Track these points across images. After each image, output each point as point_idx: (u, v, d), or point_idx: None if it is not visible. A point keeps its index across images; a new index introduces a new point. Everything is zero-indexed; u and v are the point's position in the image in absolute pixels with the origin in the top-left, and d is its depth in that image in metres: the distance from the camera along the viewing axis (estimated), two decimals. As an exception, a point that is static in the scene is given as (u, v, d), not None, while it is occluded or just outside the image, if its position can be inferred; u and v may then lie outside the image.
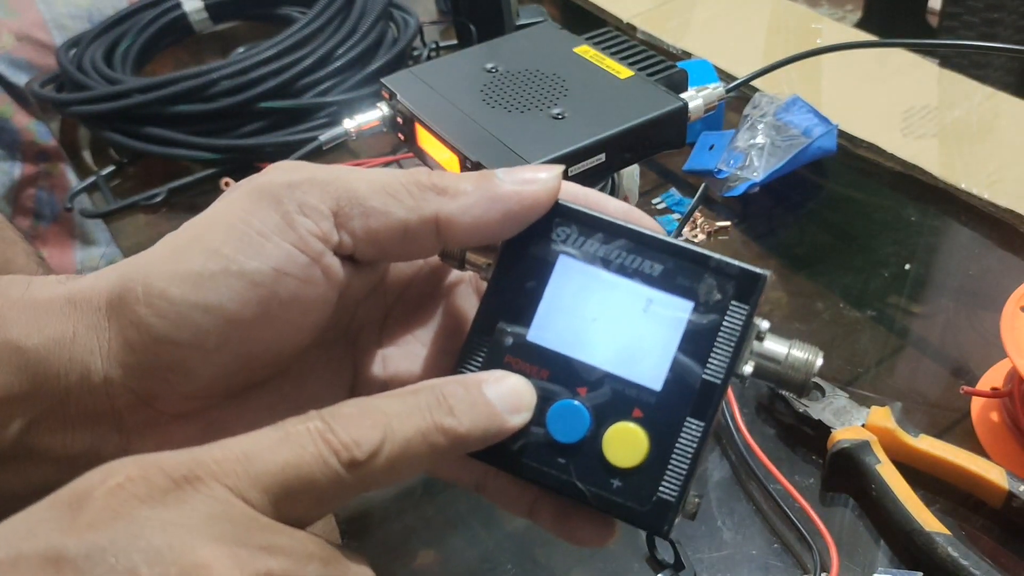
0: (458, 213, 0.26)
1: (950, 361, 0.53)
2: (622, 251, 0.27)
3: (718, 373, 0.26)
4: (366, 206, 0.25)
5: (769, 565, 0.43)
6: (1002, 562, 0.42)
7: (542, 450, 0.26)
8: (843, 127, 0.68)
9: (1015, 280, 0.48)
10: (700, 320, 0.26)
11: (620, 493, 0.26)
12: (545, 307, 0.27)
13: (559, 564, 0.45)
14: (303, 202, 0.25)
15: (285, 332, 0.26)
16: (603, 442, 0.26)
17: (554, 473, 0.26)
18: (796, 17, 0.86)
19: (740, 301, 0.26)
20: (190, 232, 0.25)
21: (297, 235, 0.25)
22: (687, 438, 0.25)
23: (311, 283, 0.25)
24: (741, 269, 0.26)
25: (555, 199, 0.27)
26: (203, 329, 0.24)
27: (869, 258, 0.60)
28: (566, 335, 0.27)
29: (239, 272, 0.24)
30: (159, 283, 0.24)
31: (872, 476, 0.44)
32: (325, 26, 0.78)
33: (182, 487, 0.20)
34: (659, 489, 0.25)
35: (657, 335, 0.26)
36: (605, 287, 0.27)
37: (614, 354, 0.26)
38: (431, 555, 0.46)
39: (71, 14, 1.01)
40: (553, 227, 0.27)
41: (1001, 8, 1.20)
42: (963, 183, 0.63)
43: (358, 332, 0.31)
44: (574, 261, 0.27)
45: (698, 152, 0.67)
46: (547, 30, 0.58)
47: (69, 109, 0.77)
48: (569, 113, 0.49)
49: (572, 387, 0.26)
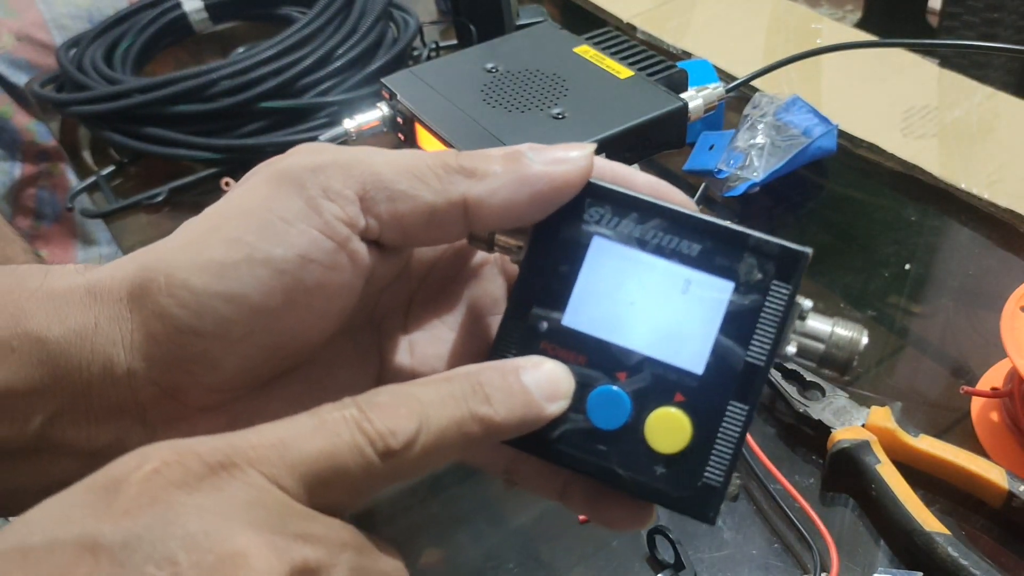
0: (487, 196, 0.25)
1: (950, 361, 0.53)
2: (658, 231, 0.26)
3: (761, 355, 0.25)
4: (393, 189, 0.25)
5: (769, 565, 0.43)
6: (1002, 562, 0.42)
7: (582, 437, 0.25)
8: (843, 127, 0.68)
9: (1015, 280, 0.48)
10: (741, 301, 0.25)
11: (664, 480, 0.25)
12: (580, 290, 0.26)
13: (562, 562, 0.45)
14: (327, 186, 0.24)
15: (311, 320, 0.25)
16: (645, 428, 0.25)
17: (595, 460, 0.25)
18: (796, 17, 0.86)
19: (782, 280, 0.25)
20: (211, 220, 0.25)
21: (322, 220, 0.24)
22: (731, 422, 0.25)
23: (337, 269, 0.25)
24: (782, 247, 0.25)
25: (587, 179, 0.26)
26: (227, 319, 0.24)
27: (869, 258, 0.60)
28: (603, 319, 0.26)
29: (263, 260, 0.24)
30: (181, 273, 0.24)
31: (872, 476, 0.44)
32: (325, 26, 0.78)
33: (218, 473, 0.20)
34: (704, 474, 0.25)
35: (697, 317, 0.25)
36: (642, 268, 0.26)
37: (653, 337, 0.25)
38: (436, 553, 0.46)
39: (71, 14, 1.01)
40: (585, 207, 0.26)
41: (1001, 8, 1.20)
42: (963, 183, 0.63)
43: (383, 317, 0.30)
44: (609, 242, 0.26)
45: (698, 152, 0.67)
46: (547, 30, 0.58)
47: (69, 109, 0.77)
48: (569, 113, 0.49)
49: (611, 372, 0.26)
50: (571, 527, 0.46)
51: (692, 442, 0.25)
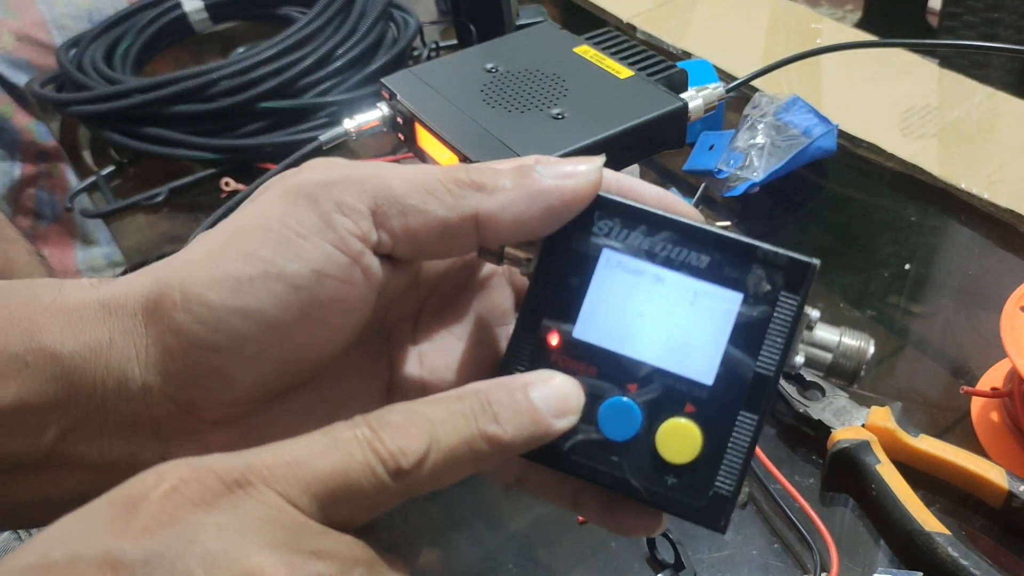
0: (498, 211, 0.25)
1: (950, 361, 0.53)
2: (667, 243, 0.26)
3: (770, 365, 0.25)
4: (405, 204, 0.25)
5: (769, 565, 0.43)
6: (1002, 562, 0.42)
7: (594, 448, 0.26)
8: (843, 127, 0.68)
9: (1015, 280, 0.48)
10: (750, 312, 0.25)
11: (675, 489, 0.25)
12: (590, 303, 0.26)
13: (560, 564, 0.45)
14: (341, 201, 0.25)
15: (325, 335, 0.25)
16: (656, 439, 0.25)
17: (607, 471, 0.26)
18: (796, 17, 0.86)
19: (790, 291, 0.25)
20: (225, 235, 0.25)
21: (336, 235, 0.24)
22: (741, 432, 0.25)
23: (351, 284, 0.25)
24: (790, 259, 0.26)
25: (597, 192, 0.26)
26: (243, 335, 0.24)
27: (869, 258, 0.60)
28: (613, 331, 0.26)
29: (278, 275, 0.24)
30: (197, 288, 0.24)
31: (872, 476, 0.44)
32: (325, 26, 0.78)
33: (234, 491, 0.20)
34: (715, 484, 0.25)
35: (707, 328, 0.26)
36: (651, 281, 0.26)
37: (663, 349, 0.26)
38: (435, 555, 0.46)
39: (71, 14, 1.01)
40: (595, 220, 0.27)
41: (1001, 8, 1.20)
42: (963, 183, 0.63)
43: (392, 328, 0.30)
44: (618, 255, 0.26)
45: (698, 152, 0.67)
46: (547, 30, 0.58)
47: (69, 109, 0.77)
48: (569, 113, 0.49)
49: (622, 384, 0.26)
50: (570, 529, 0.46)
51: (703, 452, 0.25)
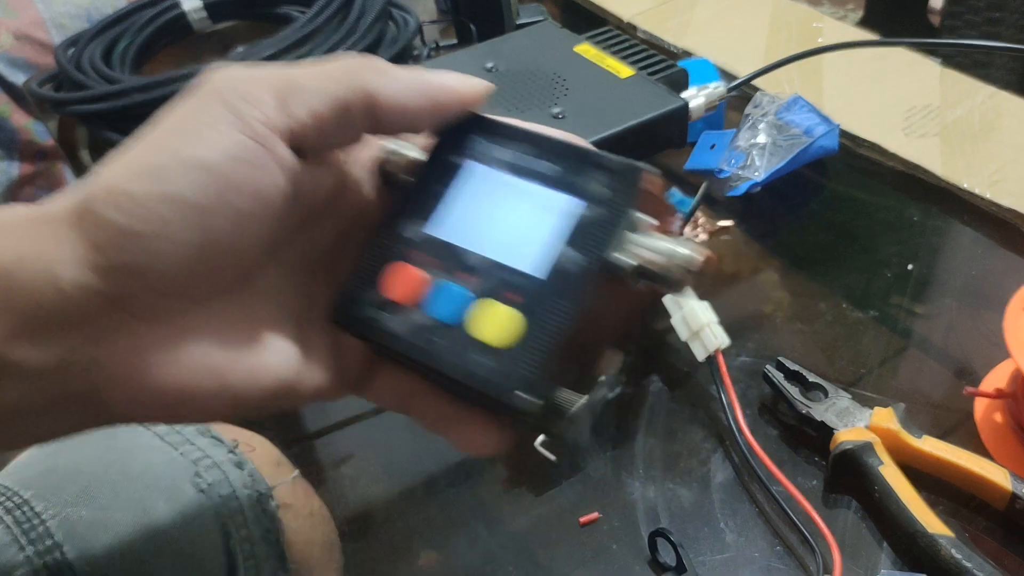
0: (390, 93, 0.28)
1: (953, 362, 0.53)
2: (523, 154, 0.29)
3: (594, 261, 0.27)
4: (306, 88, 0.27)
5: (772, 567, 0.43)
6: (1006, 564, 0.41)
7: (422, 330, 0.28)
8: (845, 126, 0.68)
9: (1018, 280, 0.48)
10: (588, 214, 0.28)
11: (489, 371, 0.27)
12: (446, 205, 0.29)
13: (560, 566, 0.45)
14: (246, 92, 0.27)
15: (244, 223, 0.27)
16: (475, 319, 0.27)
17: (428, 348, 0.28)
18: (797, 16, 0.86)
19: (622, 194, 0.27)
20: (140, 138, 0.27)
21: (243, 122, 0.26)
22: (562, 321, 0.27)
23: (263, 168, 0.27)
24: (623, 164, 0.28)
25: (481, 100, 0.29)
26: (166, 218, 0.26)
27: (871, 258, 0.60)
28: (461, 229, 0.29)
29: (193, 162, 0.26)
30: (119, 183, 0.26)
31: (875, 478, 0.44)
32: (324, 25, 0.78)
33: None
34: (531, 370, 0.26)
35: (546, 229, 0.28)
36: (503, 187, 0.29)
37: (504, 245, 0.28)
38: (433, 556, 0.46)
39: (69, 13, 1.01)
40: (467, 136, 0.30)
41: (1003, 7, 1.20)
42: (965, 183, 0.63)
43: (315, 264, 0.32)
44: (480, 166, 0.29)
45: (699, 151, 0.67)
46: (547, 29, 0.58)
47: (67, 108, 0.77)
48: (569, 113, 0.49)
49: (457, 272, 0.28)
50: (570, 531, 0.46)
51: (525, 339, 0.27)
